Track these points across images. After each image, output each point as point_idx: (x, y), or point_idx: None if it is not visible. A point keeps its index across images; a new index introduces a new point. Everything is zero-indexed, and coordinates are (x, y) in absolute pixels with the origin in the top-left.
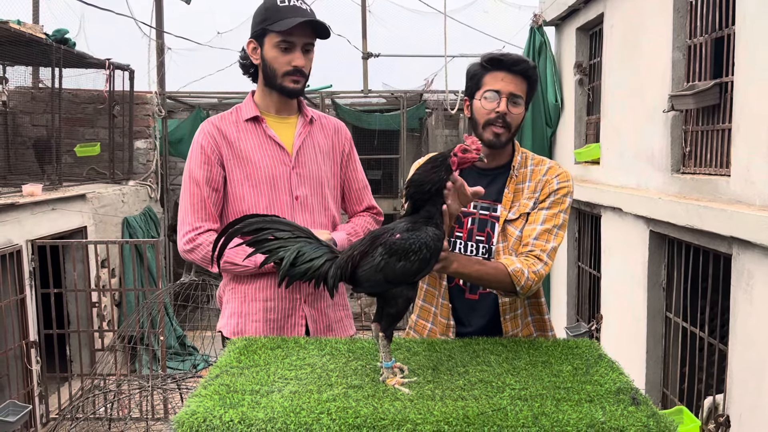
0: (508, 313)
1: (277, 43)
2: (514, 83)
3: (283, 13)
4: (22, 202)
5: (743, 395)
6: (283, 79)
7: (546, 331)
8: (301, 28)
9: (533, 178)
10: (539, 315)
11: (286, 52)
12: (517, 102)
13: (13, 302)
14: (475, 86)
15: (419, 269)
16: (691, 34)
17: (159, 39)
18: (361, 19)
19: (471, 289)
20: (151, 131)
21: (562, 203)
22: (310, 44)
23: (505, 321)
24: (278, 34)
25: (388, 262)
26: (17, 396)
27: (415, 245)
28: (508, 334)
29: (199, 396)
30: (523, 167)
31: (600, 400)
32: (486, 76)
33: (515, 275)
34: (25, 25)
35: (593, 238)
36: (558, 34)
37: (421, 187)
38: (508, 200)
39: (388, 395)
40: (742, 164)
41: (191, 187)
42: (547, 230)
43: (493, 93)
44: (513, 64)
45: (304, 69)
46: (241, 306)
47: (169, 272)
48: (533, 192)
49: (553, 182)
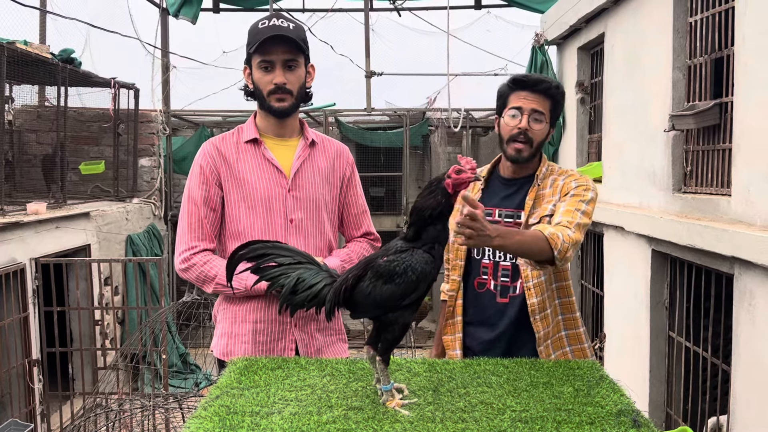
0: (537, 313)
1: (258, 64)
2: (536, 101)
3: (262, 33)
4: (27, 221)
5: (747, 415)
6: (269, 98)
7: (577, 328)
8: (278, 44)
9: (554, 185)
10: (570, 314)
11: (267, 72)
12: (538, 119)
13: (16, 320)
14: (502, 105)
15: (405, 292)
16: (691, 54)
17: (164, 58)
18: (364, 38)
19: (501, 293)
20: (155, 149)
21: (583, 195)
22: (292, 60)
23: (536, 321)
24: (258, 54)
25: (375, 285)
26: (19, 415)
27: (399, 267)
28: (539, 333)
29: (199, 417)
30: (547, 177)
31: (601, 423)
32: (511, 95)
33: (552, 239)
34: (32, 45)
35: (596, 257)
36: (560, 53)
37: (421, 213)
38: (529, 206)
39: (389, 417)
40: (742, 184)
41: (189, 206)
42: (570, 211)
43: (515, 110)
44: (535, 84)
45: (286, 86)
46: (231, 327)
47: (173, 290)
48: (552, 196)
49: (570, 183)
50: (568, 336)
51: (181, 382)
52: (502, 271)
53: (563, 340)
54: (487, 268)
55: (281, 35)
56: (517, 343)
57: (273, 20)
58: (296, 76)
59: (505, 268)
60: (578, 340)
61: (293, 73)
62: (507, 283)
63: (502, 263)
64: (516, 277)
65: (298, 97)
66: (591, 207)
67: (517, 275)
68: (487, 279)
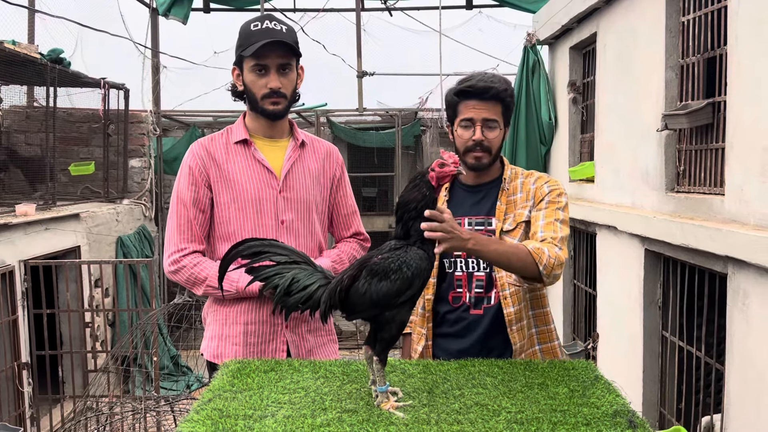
0: (515, 323)
1: (251, 67)
2: (487, 109)
3: (256, 36)
4: (15, 222)
5: (740, 414)
6: (263, 102)
7: (552, 341)
8: (273, 49)
9: (524, 189)
10: (545, 325)
11: (261, 76)
12: (492, 126)
13: (5, 323)
14: (453, 114)
15: (400, 288)
16: (684, 53)
17: (154, 58)
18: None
19: (475, 305)
20: (145, 150)
21: (558, 202)
22: (286, 64)
23: (512, 332)
24: (251, 58)
25: (371, 284)
26: (8, 419)
27: (394, 264)
28: (516, 345)
29: (191, 421)
30: (514, 180)
31: (597, 424)
32: (460, 105)
33: (535, 252)
34: (20, 45)
35: (589, 257)
36: (551, 53)
37: (407, 206)
38: (502, 212)
39: (383, 420)
40: (736, 183)
41: (178, 208)
42: (550, 223)
43: (467, 122)
44: (482, 92)
45: (281, 90)
46: (222, 329)
47: (164, 292)
48: (526, 201)
49: (543, 188)
50: (542, 350)
51: (172, 384)
52: (476, 282)
53: (537, 355)
54: (461, 281)
55: (277, 41)
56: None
57: (266, 22)
58: (289, 80)
59: (479, 278)
60: (553, 355)
61: (287, 77)
62: (481, 294)
63: (476, 274)
64: (490, 287)
65: (291, 100)
66: (567, 213)
67: (492, 285)
68: (462, 292)
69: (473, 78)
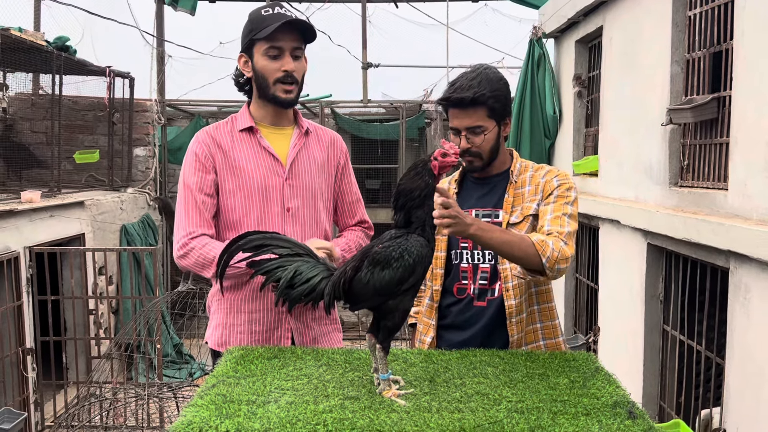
0: (514, 315)
1: (265, 50)
2: (468, 116)
3: (268, 20)
4: (21, 209)
5: (740, 408)
6: (275, 87)
7: (557, 337)
8: (287, 32)
9: (533, 182)
10: (550, 321)
11: (275, 59)
12: (476, 132)
13: (9, 309)
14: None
15: (403, 276)
16: (690, 48)
17: (159, 47)
18: (361, 29)
19: (479, 296)
20: (150, 139)
21: (567, 196)
22: (298, 49)
23: (511, 324)
24: (265, 41)
25: (373, 273)
26: (13, 403)
27: (396, 252)
28: (513, 337)
29: (195, 406)
30: (523, 173)
31: (597, 414)
32: (448, 111)
33: (539, 244)
34: (26, 32)
35: (591, 250)
36: (557, 46)
37: (411, 194)
38: (509, 204)
39: (385, 407)
40: (739, 178)
41: (185, 194)
42: (558, 217)
43: (454, 131)
44: (458, 103)
45: (295, 74)
46: (227, 317)
47: (167, 280)
48: (534, 194)
49: (552, 182)
50: (547, 346)
51: (175, 372)
52: (481, 274)
53: (542, 349)
54: (466, 272)
55: (292, 22)
56: (487, 346)
57: (277, 8)
58: (301, 65)
59: (484, 270)
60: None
61: (299, 62)
62: (485, 286)
63: (481, 266)
64: (495, 280)
65: (301, 87)
66: (576, 208)
67: (496, 277)
68: (467, 284)
69: (453, 86)
